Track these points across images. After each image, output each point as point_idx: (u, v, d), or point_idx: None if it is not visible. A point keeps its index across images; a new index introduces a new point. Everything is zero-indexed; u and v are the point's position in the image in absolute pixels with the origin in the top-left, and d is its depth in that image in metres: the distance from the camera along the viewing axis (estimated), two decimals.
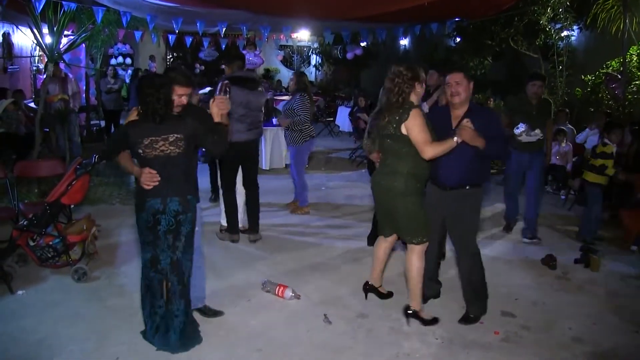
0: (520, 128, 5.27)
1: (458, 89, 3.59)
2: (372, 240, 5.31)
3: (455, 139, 3.45)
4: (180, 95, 3.33)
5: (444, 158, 3.54)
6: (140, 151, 3.19)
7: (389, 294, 4.19)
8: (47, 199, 4.50)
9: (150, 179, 3.19)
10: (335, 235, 5.79)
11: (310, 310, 4.00)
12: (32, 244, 4.41)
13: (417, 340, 3.60)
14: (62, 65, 8.61)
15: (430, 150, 3.44)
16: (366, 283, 4.18)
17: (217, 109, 3.35)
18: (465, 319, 3.85)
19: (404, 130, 3.48)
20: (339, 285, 4.47)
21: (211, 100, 3.39)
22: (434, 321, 3.81)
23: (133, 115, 3.28)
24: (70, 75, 9.40)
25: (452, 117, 3.69)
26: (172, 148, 3.20)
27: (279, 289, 4.18)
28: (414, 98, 3.57)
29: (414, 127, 3.45)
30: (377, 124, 3.73)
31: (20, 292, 4.15)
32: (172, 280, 3.32)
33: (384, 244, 4.03)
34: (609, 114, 7.83)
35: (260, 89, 5.39)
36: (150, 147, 3.17)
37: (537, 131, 5.34)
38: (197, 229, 3.45)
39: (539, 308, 4.17)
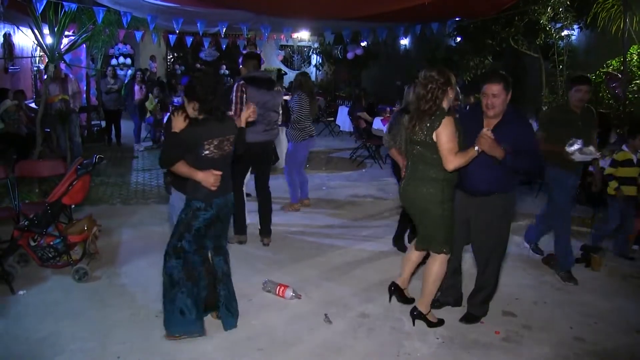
0: (575, 145, 4.35)
1: (494, 102, 3.43)
2: (397, 240, 5.33)
3: (475, 148, 3.34)
4: None
5: (471, 164, 3.43)
6: (207, 152, 3.26)
7: (411, 300, 4.02)
8: (48, 199, 4.51)
9: (218, 180, 3.30)
10: (336, 234, 5.80)
11: (311, 310, 4.00)
12: (33, 244, 4.42)
13: (418, 340, 3.60)
14: (62, 66, 8.61)
15: (454, 161, 3.34)
16: (392, 283, 4.09)
17: (247, 116, 3.59)
18: (467, 319, 3.84)
19: (435, 138, 3.38)
20: (339, 284, 4.48)
21: (245, 106, 3.55)
22: (439, 323, 3.79)
23: (181, 119, 3.24)
24: (71, 75, 9.41)
25: (485, 125, 3.53)
26: (230, 147, 3.43)
27: (279, 288, 4.19)
28: (445, 104, 3.44)
29: (442, 134, 3.34)
30: (407, 130, 3.60)
31: (21, 292, 4.15)
32: (219, 262, 3.58)
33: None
34: (604, 114, 7.79)
35: (276, 88, 5.37)
36: (218, 147, 3.30)
37: (592, 149, 4.43)
38: None
39: (539, 307, 4.18)
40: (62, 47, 7.89)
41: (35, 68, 12.39)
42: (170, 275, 3.39)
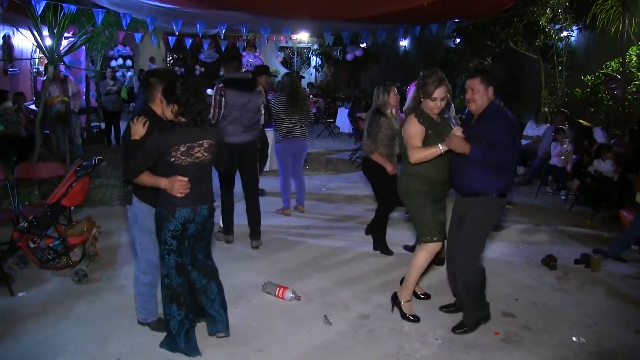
0: None
1: (474, 96, 3.54)
2: (369, 229, 5.49)
3: (440, 146, 3.47)
4: None
5: (454, 164, 3.60)
6: (173, 159, 3.08)
7: (426, 295, 4.27)
8: (48, 200, 4.51)
9: (185, 187, 3.11)
10: (336, 236, 5.79)
11: (310, 311, 4.00)
12: (32, 245, 4.41)
13: (418, 341, 3.60)
14: (61, 67, 8.62)
15: (412, 156, 3.55)
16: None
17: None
18: (457, 327, 3.73)
19: (403, 134, 3.69)
20: (339, 286, 4.48)
21: None
22: (412, 318, 3.84)
23: (140, 125, 3.16)
24: (71, 77, 9.42)
25: (472, 122, 3.64)
26: (205, 154, 3.19)
27: (279, 290, 4.19)
28: (426, 104, 3.63)
29: (405, 130, 3.64)
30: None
31: (20, 294, 4.15)
32: (206, 283, 3.41)
33: None
34: (580, 124, 7.79)
35: (258, 89, 5.38)
36: (187, 153, 3.10)
37: None
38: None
39: (539, 308, 4.18)
40: (61, 48, 7.89)
41: (34, 70, 12.40)
42: (164, 290, 3.31)
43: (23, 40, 10.87)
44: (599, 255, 5.09)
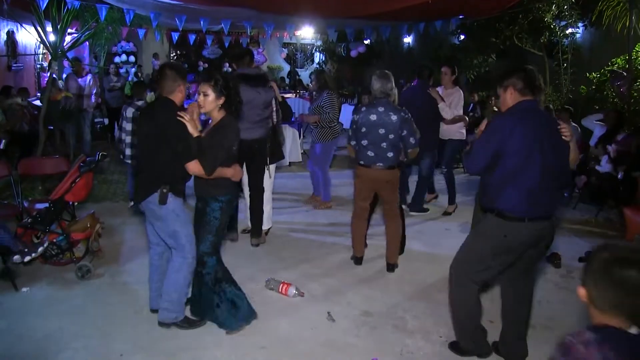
0: None
1: (500, 105, 3.26)
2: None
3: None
4: None
5: None
6: (235, 148, 3.44)
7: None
8: (51, 196, 4.51)
9: (241, 173, 3.59)
10: (339, 233, 5.77)
11: (313, 308, 4.00)
12: (36, 241, 4.42)
13: (421, 339, 3.59)
14: (65, 63, 8.65)
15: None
16: None
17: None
18: (451, 346, 3.49)
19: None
20: (342, 282, 4.47)
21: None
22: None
23: (194, 122, 3.30)
24: (90, 75, 9.49)
25: None
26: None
27: (282, 286, 4.18)
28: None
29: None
30: None
31: (24, 289, 4.16)
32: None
33: None
34: (621, 113, 7.73)
35: (270, 85, 5.35)
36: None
37: None
38: None
39: (543, 306, 4.16)
40: (65, 44, 7.90)
41: (38, 65, 12.42)
42: (215, 273, 3.54)
43: (27, 36, 10.87)
44: None
